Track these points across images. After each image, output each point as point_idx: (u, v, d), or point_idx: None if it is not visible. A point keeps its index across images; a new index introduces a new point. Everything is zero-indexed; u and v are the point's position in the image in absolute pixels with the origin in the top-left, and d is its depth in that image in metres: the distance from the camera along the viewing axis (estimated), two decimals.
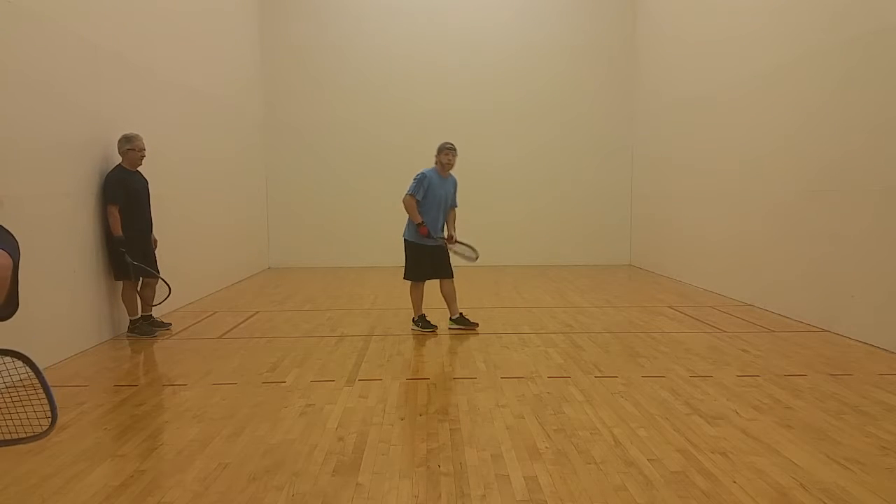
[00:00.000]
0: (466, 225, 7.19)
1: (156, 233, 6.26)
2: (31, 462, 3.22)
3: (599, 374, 4.71)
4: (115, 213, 5.69)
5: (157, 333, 6.04)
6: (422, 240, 6.00)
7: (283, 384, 4.55)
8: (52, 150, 5.18)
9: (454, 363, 5.12)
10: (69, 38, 5.47)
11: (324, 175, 11.87)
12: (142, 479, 3.02)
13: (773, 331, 6.11)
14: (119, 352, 5.52)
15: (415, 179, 6.09)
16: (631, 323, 6.63)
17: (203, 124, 8.61)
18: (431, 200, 6.04)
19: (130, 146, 5.86)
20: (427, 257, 6.07)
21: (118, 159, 5.97)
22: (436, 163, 6.17)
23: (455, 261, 6.32)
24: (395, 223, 11.80)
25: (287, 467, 3.14)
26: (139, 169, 6.03)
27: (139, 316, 6.02)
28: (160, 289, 6.02)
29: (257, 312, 7.38)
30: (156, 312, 6.26)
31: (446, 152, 6.12)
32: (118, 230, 5.68)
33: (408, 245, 6.13)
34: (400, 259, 6.34)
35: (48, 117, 5.14)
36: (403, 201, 6.06)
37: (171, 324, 6.34)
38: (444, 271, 6.19)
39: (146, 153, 6.00)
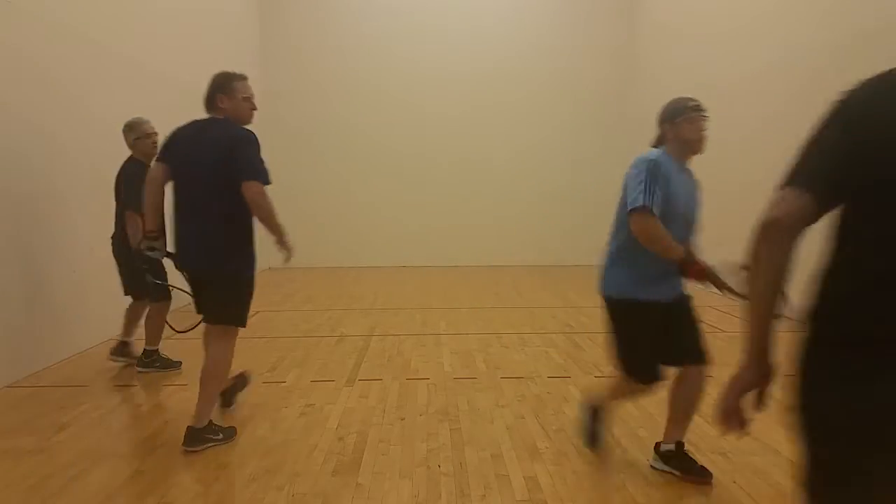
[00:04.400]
0: (465, 225, 7.16)
1: None
2: (31, 462, 3.22)
3: (600, 375, 4.71)
4: (138, 220, 4.46)
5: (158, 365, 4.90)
6: (649, 291, 2.86)
7: (283, 384, 4.55)
8: (50, 149, 5.18)
9: (454, 363, 5.11)
10: (69, 36, 5.48)
11: (323, 175, 11.88)
12: (142, 479, 3.02)
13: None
14: None
15: (639, 172, 2.77)
16: None
17: None
18: (671, 210, 2.78)
19: (139, 134, 4.80)
20: (654, 326, 2.89)
21: (116, 157, 5.93)
22: (668, 138, 3.01)
23: None
24: (394, 222, 11.88)
25: (287, 467, 3.14)
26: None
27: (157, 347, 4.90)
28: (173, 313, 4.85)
29: (257, 312, 7.38)
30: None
31: (693, 118, 2.94)
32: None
33: (618, 308, 2.95)
34: (401, 259, 6.32)
35: (46, 116, 5.14)
36: (640, 227, 2.72)
37: (181, 362, 5.01)
38: (688, 349, 2.98)
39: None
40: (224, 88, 3.57)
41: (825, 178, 1.28)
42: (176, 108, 7.70)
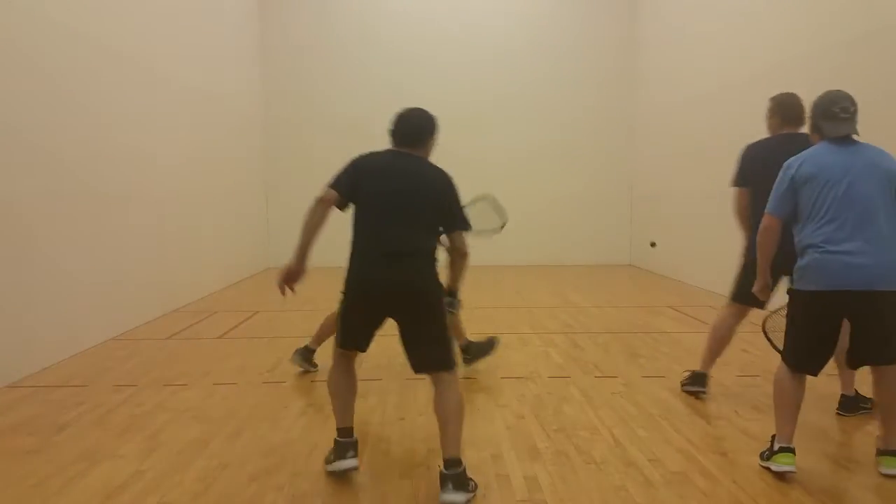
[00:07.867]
0: None
1: (157, 233, 6.17)
2: (31, 462, 3.22)
3: (599, 375, 4.71)
4: None
5: None
6: None
7: (283, 384, 4.55)
8: (48, 149, 5.17)
9: None
10: (68, 35, 5.47)
11: (324, 175, 11.63)
12: (142, 479, 3.02)
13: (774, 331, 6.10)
14: (119, 352, 5.51)
15: None
16: (631, 323, 6.63)
17: (203, 124, 8.60)
18: None
19: None
20: None
21: (114, 157, 5.90)
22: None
23: None
24: None
25: (287, 467, 3.14)
26: None
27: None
28: None
29: (257, 312, 7.38)
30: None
31: None
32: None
33: None
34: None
35: (44, 116, 5.14)
36: None
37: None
38: None
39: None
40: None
41: (344, 187, 3.24)
42: (176, 108, 7.72)
